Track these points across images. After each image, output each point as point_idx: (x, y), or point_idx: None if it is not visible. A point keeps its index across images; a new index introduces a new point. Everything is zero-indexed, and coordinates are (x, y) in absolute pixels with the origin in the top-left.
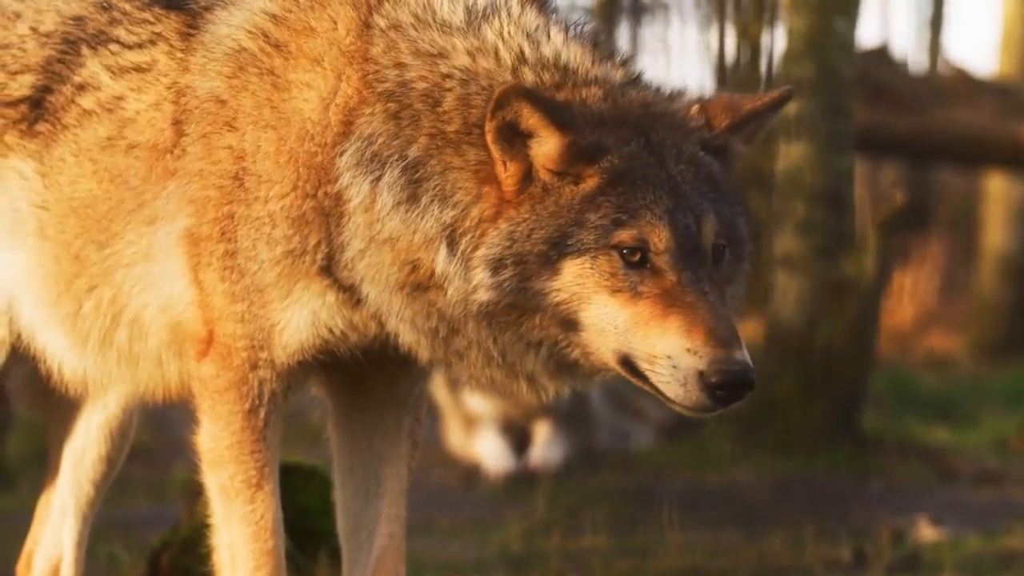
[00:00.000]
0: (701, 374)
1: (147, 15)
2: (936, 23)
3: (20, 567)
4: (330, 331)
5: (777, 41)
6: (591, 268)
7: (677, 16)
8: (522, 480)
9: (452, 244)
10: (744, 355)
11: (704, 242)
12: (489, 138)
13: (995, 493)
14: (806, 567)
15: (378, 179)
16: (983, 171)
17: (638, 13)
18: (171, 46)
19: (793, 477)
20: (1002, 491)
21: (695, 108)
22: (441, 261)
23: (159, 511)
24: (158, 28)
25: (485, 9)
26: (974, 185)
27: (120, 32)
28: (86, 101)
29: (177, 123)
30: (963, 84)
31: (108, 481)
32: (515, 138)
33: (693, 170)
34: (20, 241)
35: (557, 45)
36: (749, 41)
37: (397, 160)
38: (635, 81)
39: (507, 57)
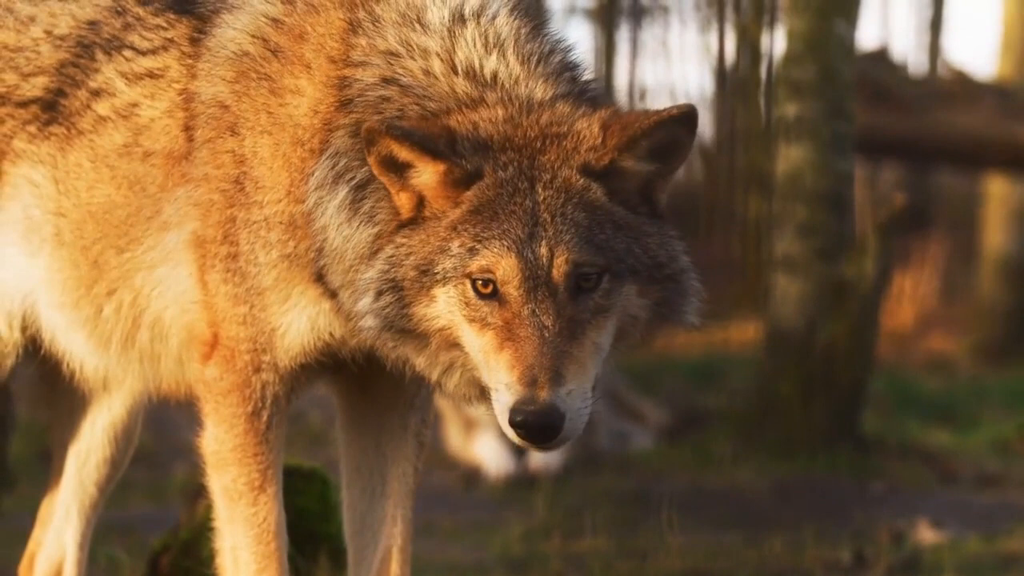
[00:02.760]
0: (510, 410)
1: (160, 20)
2: (936, 25)
3: (22, 569)
4: (330, 335)
5: (777, 43)
6: (454, 296)
7: (677, 18)
8: (522, 482)
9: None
10: (552, 397)
11: (556, 274)
12: (375, 171)
13: (995, 495)
14: (806, 569)
15: (332, 199)
16: (983, 173)
17: (638, 15)
18: (181, 52)
19: (793, 479)
20: (1002, 493)
21: (596, 128)
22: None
23: (159, 513)
24: (170, 34)
25: (470, 12)
26: (974, 187)
27: (134, 38)
28: (102, 107)
29: (188, 129)
30: (963, 86)
31: (112, 483)
32: (397, 169)
33: (563, 197)
34: (36, 247)
35: (499, 59)
36: (749, 43)
37: (348, 180)
38: (571, 97)
39: (451, 65)
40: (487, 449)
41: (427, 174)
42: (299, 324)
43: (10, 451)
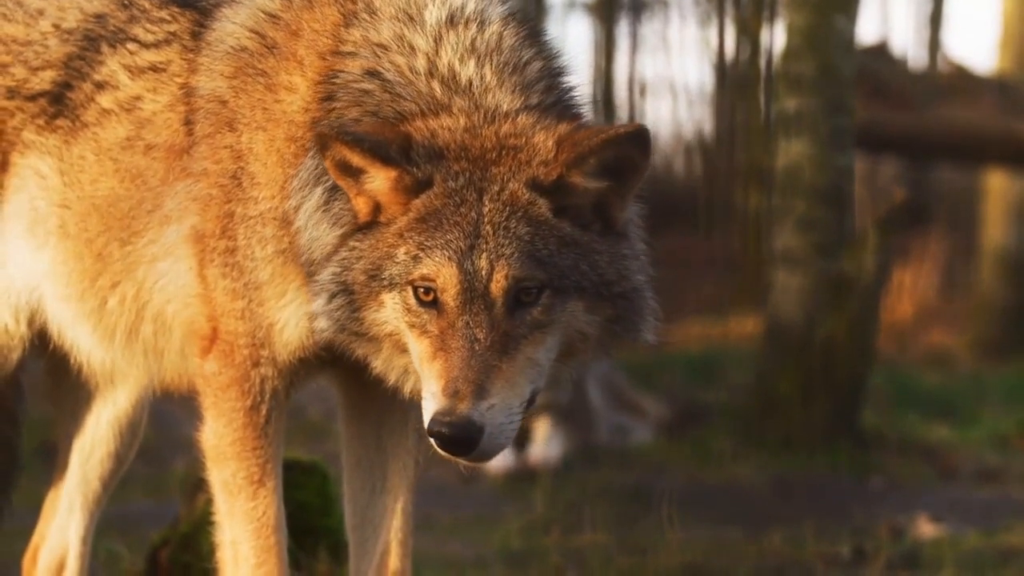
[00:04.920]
0: (430, 420)
1: (164, 14)
2: (936, 20)
3: (26, 561)
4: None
5: (777, 38)
6: (399, 303)
7: (677, 13)
8: (522, 477)
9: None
10: (470, 411)
11: (493, 287)
12: (332, 175)
13: (995, 490)
14: (806, 564)
15: (309, 200)
16: (983, 168)
17: (638, 10)
18: (183, 46)
19: (793, 474)
20: (1002, 488)
21: (550, 143)
22: None
23: (158, 507)
24: (173, 27)
25: (465, 16)
26: (974, 182)
27: (138, 31)
28: (105, 100)
29: (188, 123)
30: (962, 81)
31: (116, 478)
32: (352, 174)
33: (507, 211)
34: (42, 240)
35: (476, 67)
36: (749, 38)
37: (324, 182)
38: (539, 109)
39: (432, 67)
40: None
41: (379, 180)
42: (296, 319)
43: (21, 444)
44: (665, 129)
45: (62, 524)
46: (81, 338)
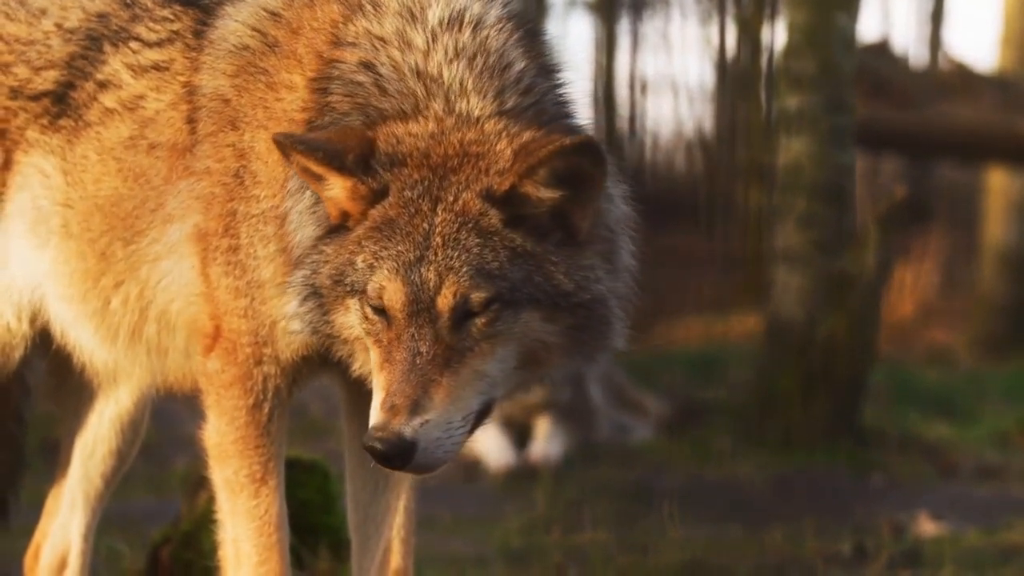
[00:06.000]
0: (366, 434)
1: (166, 12)
2: (936, 17)
3: (28, 559)
4: None
5: (778, 36)
6: (359, 309)
7: (678, 11)
8: (522, 475)
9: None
10: (402, 428)
11: (439, 300)
12: (303, 179)
13: (995, 488)
14: (806, 562)
15: (298, 204)
16: (984, 165)
17: (639, 7)
18: (186, 44)
19: (793, 472)
20: (1002, 486)
21: (508, 151)
22: None
23: (160, 505)
24: (176, 26)
25: (462, 19)
26: (975, 179)
27: (141, 29)
28: (108, 99)
29: (191, 122)
30: (963, 78)
31: (118, 475)
32: (316, 179)
33: (459, 222)
34: (44, 239)
35: (459, 70)
36: (750, 36)
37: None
38: (511, 115)
39: (423, 65)
40: (487, 441)
41: (336, 188)
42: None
43: (27, 442)
44: (666, 127)
45: (64, 522)
46: (84, 338)
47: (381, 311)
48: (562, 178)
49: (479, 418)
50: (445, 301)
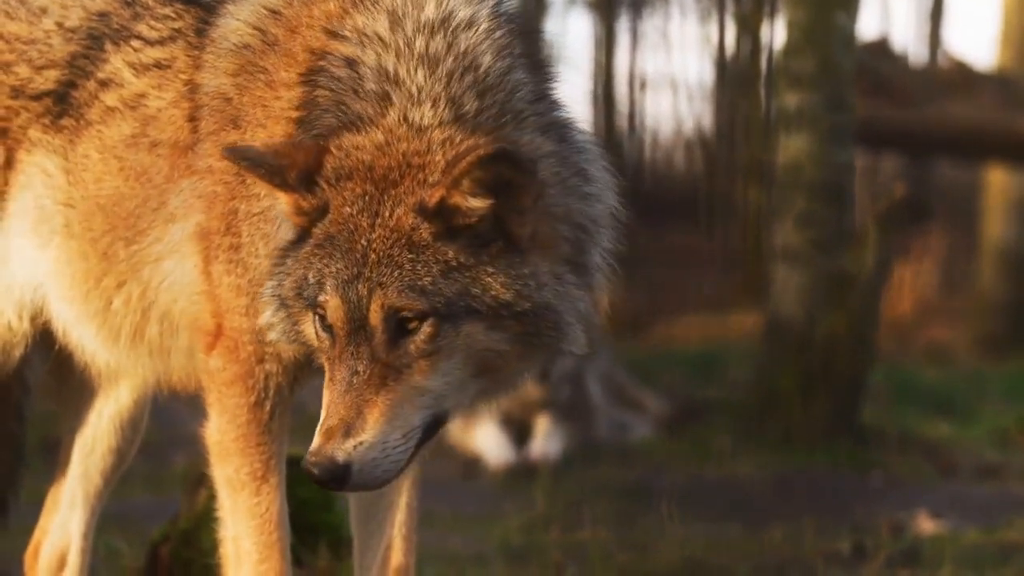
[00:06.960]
0: (304, 457)
1: (168, 11)
2: (936, 16)
3: (28, 556)
4: None
5: (777, 34)
6: (314, 324)
7: (677, 9)
8: (522, 473)
9: None
10: (334, 451)
11: (372, 318)
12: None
13: (995, 486)
14: (806, 561)
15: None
16: (983, 164)
17: (638, 5)
18: (188, 42)
19: (793, 471)
20: (1002, 484)
21: (443, 163)
22: None
23: (159, 503)
24: (178, 24)
25: (449, 23)
26: (974, 177)
27: (142, 28)
28: (109, 98)
29: (193, 120)
30: (963, 77)
31: (118, 473)
32: (271, 190)
33: (392, 237)
34: (46, 238)
35: (420, 74)
36: (749, 34)
37: None
38: (461, 122)
39: (394, 69)
40: (487, 439)
41: (282, 203)
42: None
43: (27, 441)
44: (665, 125)
45: (63, 519)
46: (85, 339)
47: (329, 328)
48: (488, 187)
49: (428, 432)
50: (376, 316)
